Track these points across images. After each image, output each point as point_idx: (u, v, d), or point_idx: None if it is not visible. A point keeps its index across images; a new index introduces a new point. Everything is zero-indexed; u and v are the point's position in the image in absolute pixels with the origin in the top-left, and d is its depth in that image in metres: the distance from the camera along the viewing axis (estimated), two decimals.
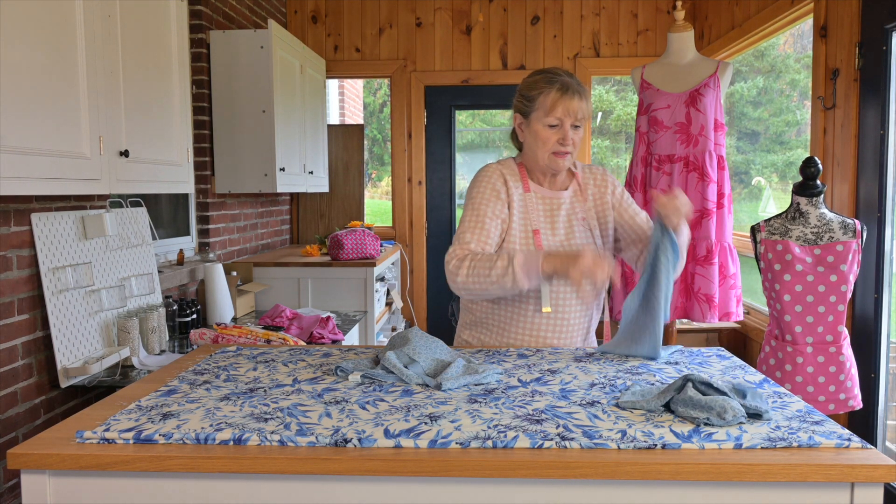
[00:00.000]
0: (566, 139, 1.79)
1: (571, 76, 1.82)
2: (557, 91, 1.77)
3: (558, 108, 1.77)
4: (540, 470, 1.12)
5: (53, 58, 1.88)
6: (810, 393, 2.51)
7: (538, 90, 1.80)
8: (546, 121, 1.79)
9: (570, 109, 1.77)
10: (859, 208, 2.74)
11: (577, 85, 1.79)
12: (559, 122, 1.78)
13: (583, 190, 1.92)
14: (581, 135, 1.82)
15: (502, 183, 1.86)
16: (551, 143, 1.80)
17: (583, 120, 1.79)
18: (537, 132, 1.81)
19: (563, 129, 1.79)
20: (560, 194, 1.89)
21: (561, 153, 1.81)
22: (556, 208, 1.87)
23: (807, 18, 3.32)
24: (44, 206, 2.27)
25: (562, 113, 1.77)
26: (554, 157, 1.82)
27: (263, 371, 1.63)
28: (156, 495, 1.18)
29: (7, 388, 2.11)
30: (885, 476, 1.10)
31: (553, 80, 1.79)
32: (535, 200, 1.87)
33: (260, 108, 3.57)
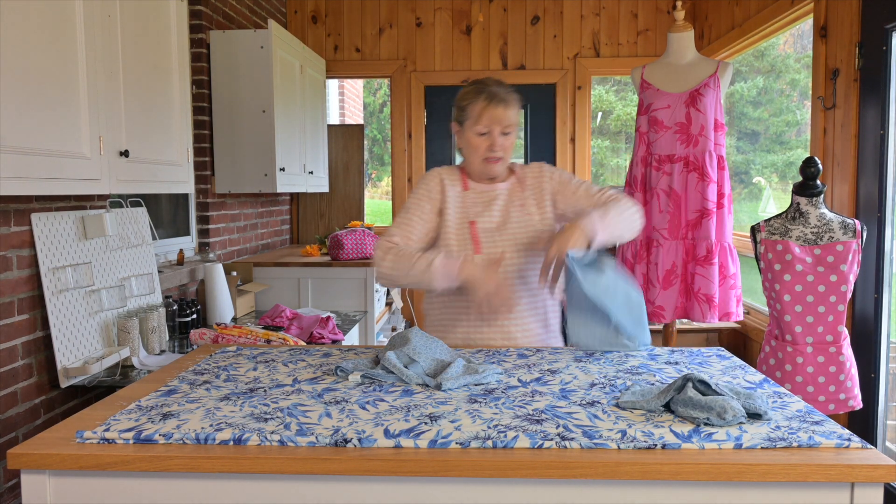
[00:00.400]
0: (494, 146, 1.91)
1: (501, 85, 1.92)
2: (484, 101, 1.88)
3: (485, 117, 1.89)
4: (540, 470, 1.12)
5: (53, 58, 1.88)
6: (810, 393, 2.51)
7: (468, 100, 1.92)
8: (476, 129, 1.91)
9: (496, 118, 1.88)
10: (859, 208, 2.74)
11: (504, 94, 1.90)
12: (488, 129, 1.90)
13: (521, 182, 2.02)
14: (512, 140, 1.95)
15: (438, 185, 1.99)
16: (482, 150, 1.92)
17: (510, 127, 1.91)
18: (469, 140, 1.94)
19: (492, 136, 1.90)
20: (497, 186, 2.01)
21: (492, 159, 1.93)
22: (494, 199, 1.99)
23: (807, 18, 3.32)
24: (44, 206, 2.27)
25: (488, 121, 1.89)
26: (486, 163, 1.94)
27: (263, 371, 1.63)
28: (156, 495, 1.18)
29: (7, 388, 2.11)
30: (885, 476, 1.10)
31: (481, 91, 1.90)
32: (472, 196, 1.99)
33: (260, 108, 3.57)
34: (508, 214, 1.97)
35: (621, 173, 8.46)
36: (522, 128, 5.11)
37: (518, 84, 4.97)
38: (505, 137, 1.92)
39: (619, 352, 1.77)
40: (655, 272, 3.06)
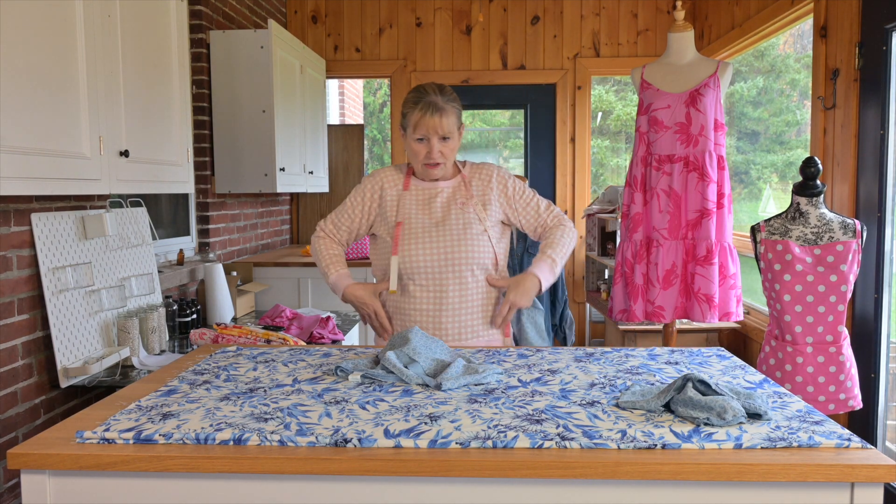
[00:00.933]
0: (432, 153, 1.97)
1: (440, 93, 1.97)
2: (420, 111, 1.95)
3: (421, 126, 1.95)
4: (540, 470, 1.12)
5: (53, 58, 1.88)
6: (810, 393, 2.51)
7: (407, 109, 1.99)
8: (414, 136, 1.98)
9: (432, 127, 1.95)
10: (859, 208, 2.74)
11: (442, 102, 1.95)
12: (425, 137, 1.96)
13: (467, 183, 2.08)
14: (452, 145, 2.00)
15: (377, 187, 2.09)
16: (422, 156, 1.99)
17: (449, 133, 1.97)
18: (410, 146, 2.01)
19: (430, 143, 1.97)
20: (438, 184, 2.07)
21: (430, 164, 2.00)
22: (434, 197, 2.05)
23: (807, 18, 3.32)
24: (44, 206, 2.27)
25: (425, 129, 1.95)
26: (426, 168, 2.01)
27: (263, 371, 1.63)
28: (156, 495, 1.18)
29: (7, 388, 2.11)
30: (885, 476, 1.10)
31: (418, 101, 1.96)
32: (412, 196, 2.06)
33: (260, 108, 3.57)
34: (448, 212, 2.03)
35: (621, 173, 8.46)
36: (522, 128, 5.11)
37: (518, 84, 4.99)
38: (444, 143, 1.98)
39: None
40: (655, 272, 3.06)
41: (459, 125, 2.04)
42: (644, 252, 3.11)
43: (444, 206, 2.04)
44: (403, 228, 2.01)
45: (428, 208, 2.04)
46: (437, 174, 2.03)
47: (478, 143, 8.05)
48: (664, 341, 3.33)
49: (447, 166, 2.03)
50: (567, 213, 5.03)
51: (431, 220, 2.02)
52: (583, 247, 5.05)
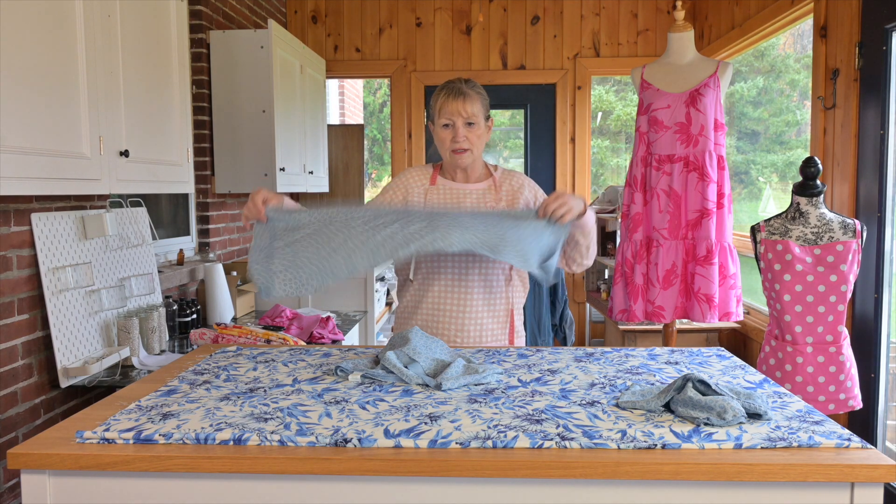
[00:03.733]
0: (457, 136, 1.97)
1: (467, 83, 2.01)
2: (444, 95, 1.98)
3: (445, 110, 1.98)
4: (540, 470, 1.12)
5: (53, 58, 1.88)
6: (810, 393, 2.51)
7: (435, 98, 2.02)
8: (440, 122, 2.00)
9: (456, 110, 1.96)
10: (859, 208, 2.74)
11: (467, 89, 1.98)
12: (451, 122, 1.98)
13: (497, 187, 2.08)
14: (478, 133, 2.00)
15: (401, 185, 2.09)
16: (448, 143, 1.99)
17: (473, 117, 1.98)
18: (437, 134, 2.02)
19: (455, 128, 1.98)
20: (467, 186, 2.07)
21: (458, 150, 1.99)
22: (463, 198, 2.06)
23: (807, 18, 3.32)
24: (44, 206, 2.27)
25: (449, 113, 1.97)
26: (454, 155, 2.00)
27: (263, 371, 1.63)
28: (156, 495, 1.18)
29: (7, 388, 2.11)
30: (885, 476, 1.10)
31: (444, 87, 2.00)
32: (439, 192, 2.07)
33: (260, 108, 3.57)
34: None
35: (621, 173, 8.46)
36: (522, 128, 5.11)
37: (518, 84, 4.98)
38: (469, 129, 1.99)
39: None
40: (655, 272, 3.06)
41: (487, 117, 2.05)
42: (644, 252, 3.11)
43: (473, 208, 2.02)
44: None
45: (456, 207, 2.03)
46: (465, 161, 2.01)
47: None
48: (664, 341, 3.33)
49: (474, 154, 2.02)
50: None
51: None
52: None
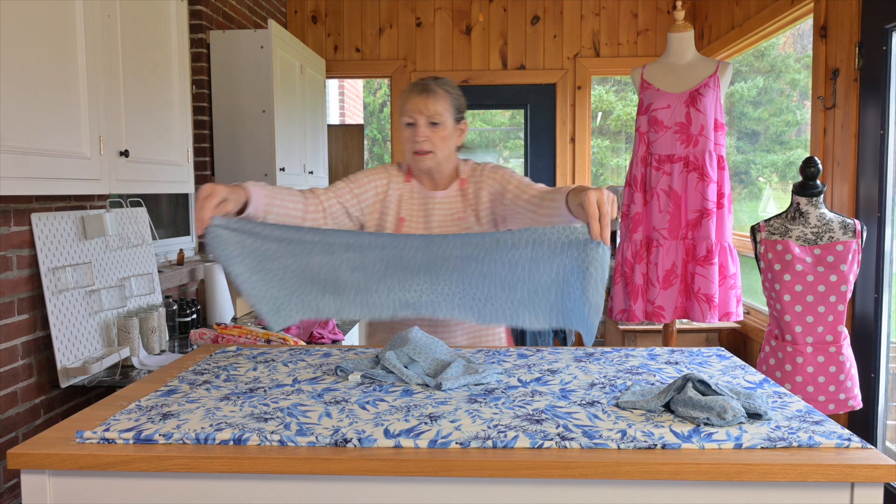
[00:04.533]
0: (417, 135, 1.81)
1: (438, 80, 1.86)
2: (409, 92, 1.84)
3: (408, 107, 1.83)
4: (540, 470, 1.12)
5: (53, 58, 1.88)
6: (810, 393, 2.51)
7: (403, 93, 1.87)
8: (403, 120, 1.85)
9: (419, 106, 1.80)
10: (859, 208, 2.74)
11: (434, 85, 1.83)
12: (413, 119, 1.82)
13: (465, 193, 1.93)
14: (443, 133, 1.83)
15: (383, 175, 1.93)
16: (410, 143, 1.84)
17: (438, 116, 1.81)
18: (400, 133, 1.88)
19: (417, 126, 1.82)
20: (435, 195, 1.93)
21: (420, 152, 1.83)
22: (431, 208, 1.93)
23: (807, 18, 3.32)
24: (44, 206, 2.27)
25: (411, 110, 1.82)
26: (415, 157, 1.85)
27: (263, 371, 1.63)
28: (156, 495, 1.18)
29: (7, 388, 2.11)
30: (885, 476, 1.10)
31: (413, 84, 1.86)
32: (413, 193, 1.93)
33: (260, 108, 3.57)
34: (446, 228, 1.90)
35: (621, 173, 8.46)
36: (522, 128, 5.11)
37: (518, 84, 4.98)
38: (433, 129, 1.82)
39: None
40: (655, 272, 3.06)
41: (458, 118, 1.88)
42: (644, 252, 3.11)
43: (441, 219, 1.92)
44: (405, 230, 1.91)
45: (425, 218, 1.92)
46: (426, 164, 1.85)
47: (478, 143, 8.05)
48: (664, 341, 3.33)
49: (438, 157, 1.85)
50: None
51: (428, 231, 1.91)
52: None
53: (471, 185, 1.93)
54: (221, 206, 1.49)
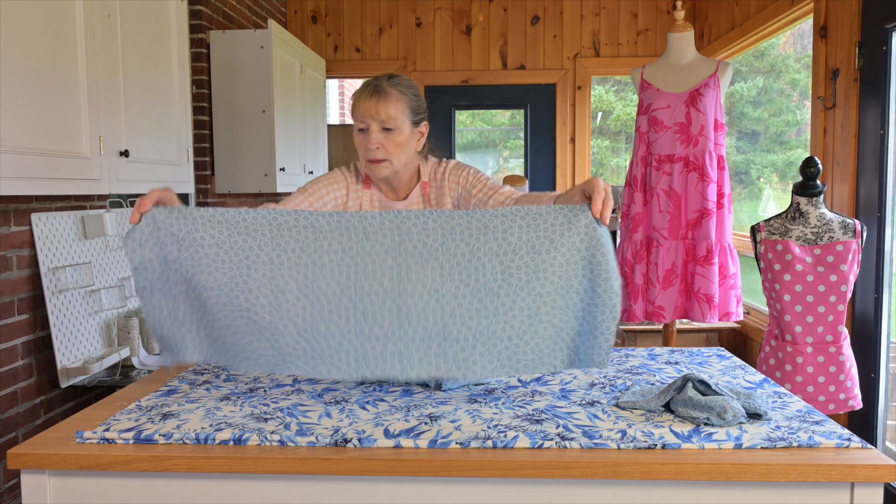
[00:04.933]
0: (370, 142, 1.65)
1: (392, 79, 1.69)
2: (360, 93, 1.67)
3: (358, 110, 1.67)
4: (540, 470, 1.12)
5: (53, 58, 1.88)
6: (810, 393, 2.51)
7: (354, 95, 1.71)
8: (356, 126, 1.69)
9: (370, 110, 1.64)
10: (859, 208, 2.74)
11: (387, 86, 1.66)
12: (365, 125, 1.66)
13: (427, 200, 1.79)
14: (398, 139, 1.66)
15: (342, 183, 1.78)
16: (363, 150, 1.68)
17: (391, 121, 1.64)
18: (354, 138, 1.71)
19: (369, 132, 1.65)
20: (395, 205, 1.78)
21: (373, 160, 1.67)
22: None
23: (807, 18, 3.32)
24: (44, 206, 2.27)
25: (362, 115, 1.66)
26: (369, 165, 1.69)
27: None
28: (156, 495, 1.18)
29: (7, 388, 2.11)
30: (885, 476, 1.10)
31: (364, 84, 1.69)
32: (373, 202, 1.80)
33: (260, 108, 3.57)
34: None
35: (621, 173, 8.46)
36: (522, 128, 5.10)
37: (518, 84, 4.98)
38: (386, 136, 1.65)
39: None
40: (655, 272, 3.06)
41: (416, 120, 1.70)
42: (644, 252, 3.11)
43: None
44: None
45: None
46: (382, 173, 1.69)
47: (478, 143, 8.05)
48: (664, 341, 3.33)
49: (394, 165, 1.68)
50: None
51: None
52: None
53: (433, 189, 1.79)
54: (167, 197, 1.43)
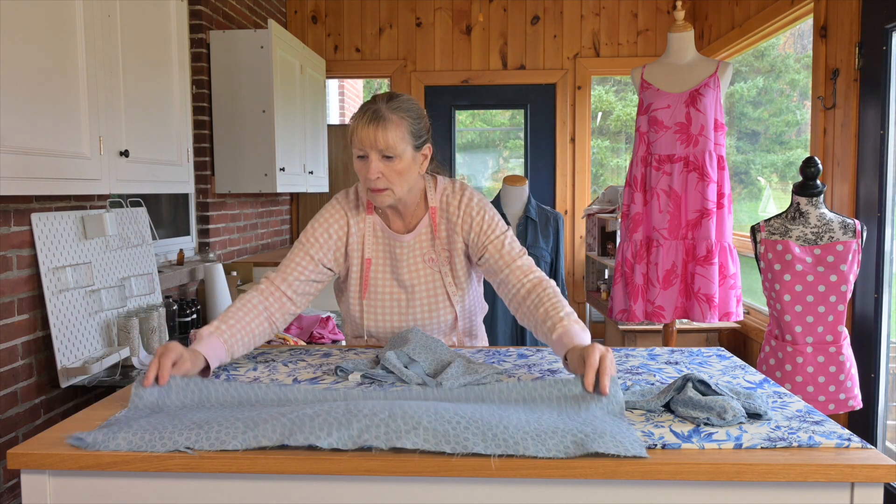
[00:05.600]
0: (370, 171, 1.59)
1: (392, 101, 1.62)
2: (358, 118, 1.61)
3: (356, 138, 1.61)
4: (540, 470, 1.11)
5: (53, 58, 1.88)
6: (810, 393, 2.51)
7: (352, 119, 1.65)
8: (354, 153, 1.63)
9: (368, 139, 1.58)
10: (859, 208, 2.75)
11: (387, 111, 1.59)
12: (364, 152, 1.60)
13: (436, 229, 1.75)
14: (400, 167, 1.61)
15: (341, 217, 1.75)
16: (363, 178, 1.63)
17: (391, 149, 1.59)
18: (354, 164, 1.66)
19: (368, 161, 1.60)
20: (403, 238, 1.75)
21: (375, 189, 1.63)
22: (399, 250, 1.76)
23: (807, 18, 3.33)
24: (44, 206, 2.27)
25: (359, 143, 1.60)
26: (372, 194, 1.65)
27: (263, 371, 1.63)
28: (156, 495, 1.18)
29: (7, 388, 2.11)
30: (885, 476, 1.10)
31: (361, 109, 1.63)
32: (376, 230, 1.76)
33: (260, 108, 3.57)
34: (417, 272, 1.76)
35: (621, 173, 8.46)
36: (522, 128, 5.11)
37: (518, 84, 4.99)
38: (387, 164, 1.60)
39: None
40: (655, 272, 3.06)
41: (418, 144, 1.64)
42: (644, 252, 3.11)
43: (412, 262, 1.76)
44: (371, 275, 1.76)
45: (392, 260, 1.76)
46: (384, 202, 1.65)
47: (478, 143, 8.05)
48: (664, 341, 3.33)
49: (397, 193, 1.64)
50: (567, 213, 5.03)
51: (394, 276, 1.77)
52: (583, 247, 5.05)
53: (442, 219, 1.76)
54: (179, 366, 1.36)
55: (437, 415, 1.15)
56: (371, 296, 1.78)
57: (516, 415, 1.19)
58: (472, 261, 1.79)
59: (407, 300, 1.78)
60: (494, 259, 1.71)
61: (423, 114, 1.68)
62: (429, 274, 1.78)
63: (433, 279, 1.78)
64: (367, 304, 1.79)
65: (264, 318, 1.63)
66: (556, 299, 1.57)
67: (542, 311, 1.56)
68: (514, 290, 1.67)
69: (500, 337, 3.28)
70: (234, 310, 1.58)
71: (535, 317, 1.58)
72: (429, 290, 1.79)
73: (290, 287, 1.69)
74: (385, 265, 1.78)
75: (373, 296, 1.78)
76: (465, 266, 1.80)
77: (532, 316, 1.60)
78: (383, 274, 1.78)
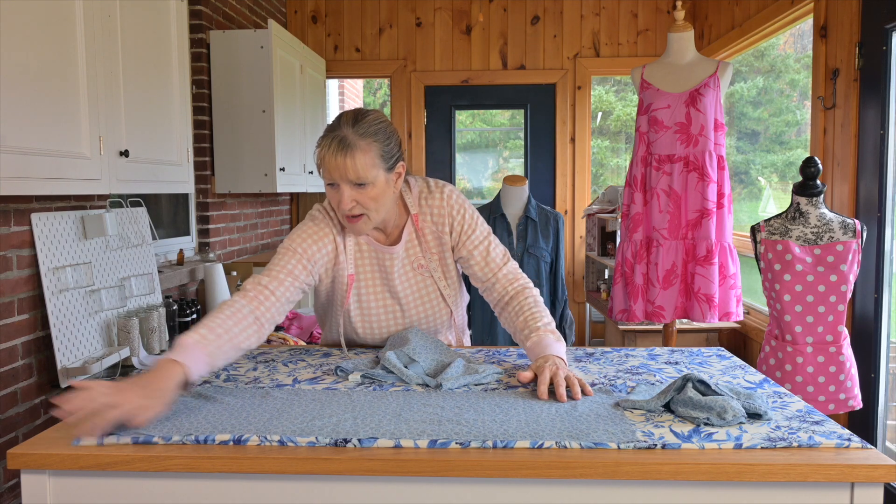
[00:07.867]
0: (343, 202, 1.55)
1: (358, 124, 1.55)
2: (325, 146, 1.55)
3: (323, 168, 1.56)
4: (540, 470, 1.12)
5: (53, 58, 1.88)
6: (810, 393, 2.51)
7: (318, 146, 1.58)
8: (325, 180, 1.58)
9: (336, 170, 1.53)
10: (859, 208, 2.74)
11: (354, 137, 1.52)
12: (332, 181, 1.56)
13: (421, 234, 1.73)
14: (374, 193, 1.56)
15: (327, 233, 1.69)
16: (336, 206, 1.59)
17: (362, 178, 1.53)
18: (326, 191, 1.61)
19: (339, 190, 1.55)
20: (392, 250, 1.71)
21: (351, 217, 1.59)
22: (388, 262, 1.73)
23: (807, 18, 3.33)
24: (44, 206, 2.27)
25: (330, 171, 1.55)
26: (347, 222, 1.61)
27: (263, 371, 1.63)
28: (156, 495, 1.18)
29: (7, 388, 2.11)
30: (885, 476, 1.10)
31: (327, 135, 1.56)
32: (360, 246, 1.72)
33: (260, 108, 3.57)
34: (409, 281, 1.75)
35: (621, 173, 8.46)
36: (522, 128, 5.10)
37: (518, 84, 4.99)
38: (360, 191, 1.55)
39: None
40: (655, 272, 3.06)
41: (390, 166, 1.58)
42: (644, 252, 3.11)
43: (404, 272, 1.75)
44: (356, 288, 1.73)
45: (381, 272, 1.74)
46: (362, 229, 1.61)
47: (478, 143, 8.06)
48: (664, 341, 3.33)
49: (373, 219, 1.61)
50: (567, 213, 5.03)
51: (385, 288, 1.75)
52: (583, 247, 5.05)
53: (426, 222, 1.73)
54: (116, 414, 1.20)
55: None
56: (364, 311, 1.77)
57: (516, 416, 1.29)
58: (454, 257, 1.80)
59: (402, 310, 1.78)
60: (480, 266, 1.76)
61: (392, 131, 1.61)
62: (420, 280, 1.77)
63: (425, 284, 1.78)
64: (363, 320, 1.78)
65: (253, 330, 1.52)
66: (537, 308, 1.65)
67: (521, 319, 1.65)
68: (498, 296, 1.75)
69: (500, 337, 3.28)
70: (223, 318, 1.47)
71: (514, 324, 1.68)
72: (422, 295, 1.79)
73: (285, 292, 1.61)
74: (374, 279, 1.75)
75: (366, 311, 1.77)
76: (454, 262, 1.81)
77: (513, 323, 1.69)
78: (374, 288, 1.75)
